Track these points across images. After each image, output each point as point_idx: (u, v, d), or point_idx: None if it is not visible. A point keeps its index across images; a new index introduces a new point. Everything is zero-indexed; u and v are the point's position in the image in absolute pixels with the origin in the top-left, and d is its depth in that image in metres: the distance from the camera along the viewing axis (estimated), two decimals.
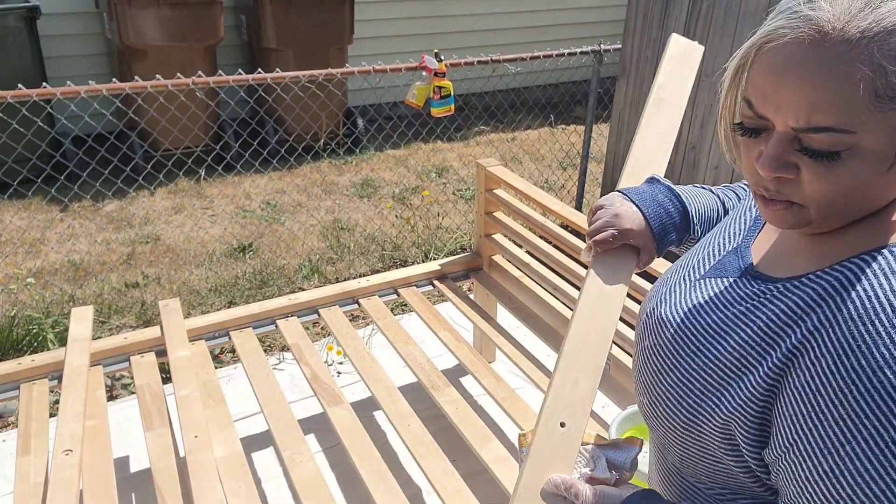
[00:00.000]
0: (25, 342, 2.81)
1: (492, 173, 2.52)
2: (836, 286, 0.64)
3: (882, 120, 0.60)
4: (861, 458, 0.58)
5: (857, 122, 0.60)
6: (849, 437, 0.59)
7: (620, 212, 0.96)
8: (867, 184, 0.63)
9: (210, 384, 2.09)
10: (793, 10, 0.62)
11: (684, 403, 0.75)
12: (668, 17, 3.28)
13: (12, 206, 4.04)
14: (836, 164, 0.62)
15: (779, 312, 0.68)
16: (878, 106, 0.59)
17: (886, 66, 0.58)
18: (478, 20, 5.95)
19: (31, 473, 1.74)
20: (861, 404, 0.59)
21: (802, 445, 0.63)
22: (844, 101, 0.59)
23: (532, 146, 5.34)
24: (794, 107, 0.62)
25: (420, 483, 2.25)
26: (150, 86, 2.71)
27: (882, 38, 0.58)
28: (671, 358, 0.78)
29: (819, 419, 0.62)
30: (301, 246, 3.77)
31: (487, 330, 2.42)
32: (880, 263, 0.63)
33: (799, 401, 0.64)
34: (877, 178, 0.63)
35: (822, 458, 0.61)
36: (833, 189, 0.64)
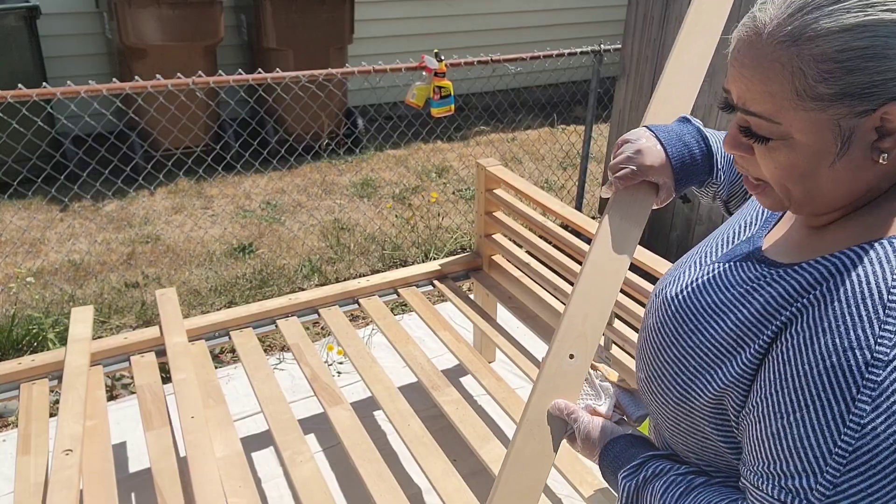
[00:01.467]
0: (25, 342, 2.81)
1: (492, 173, 2.52)
2: (832, 270, 0.67)
3: (807, 117, 0.65)
4: (808, 425, 0.63)
5: (781, 114, 0.67)
6: (803, 404, 0.64)
7: (643, 148, 1.00)
8: (814, 174, 0.69)
9: (210, 384, 2.09)
10: (752, 9, 0.70)
11: (679, 378, 0.78)
12: (668, 18, 3.28)
13: (12, 205, 4.04)
14: (773, 149, 0.69)
15: (776, 295, 0.71)
16: (800, 104, 0.65)
17: (805, 70, 0.64)
18: (478, 20, 5.95)
19: (32, 473, 1.74)
20: (823, 378, 0.62)
21: (763, 406, 0.68)
22: (769, 93, 0.67)
23: (532, 146, 5.34)
24: (736, 89, 0.71)
25: (420, 483, 2.25)
26: (151, 86, 2.71)
27: (803, 44, 0.63)
28: (670, 335, 0.81)
29: (782, 385, 0.66)
30: (301, 246, 3.77)
31: (487, 330, 2.43)
32: (877, 252, 0.65)
33: (772, 367, 0.68)
34: (823, 171, 0.68)
35: (773, 420, 0.66)
36: (778, 172, 0.71)
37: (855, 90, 0.62)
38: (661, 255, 2.03)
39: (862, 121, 0.64)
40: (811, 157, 0.67)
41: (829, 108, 0.64)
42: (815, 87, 0.63)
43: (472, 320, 2.49)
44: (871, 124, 0.64)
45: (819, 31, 0.62)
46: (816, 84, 0.63)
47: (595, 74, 3.69)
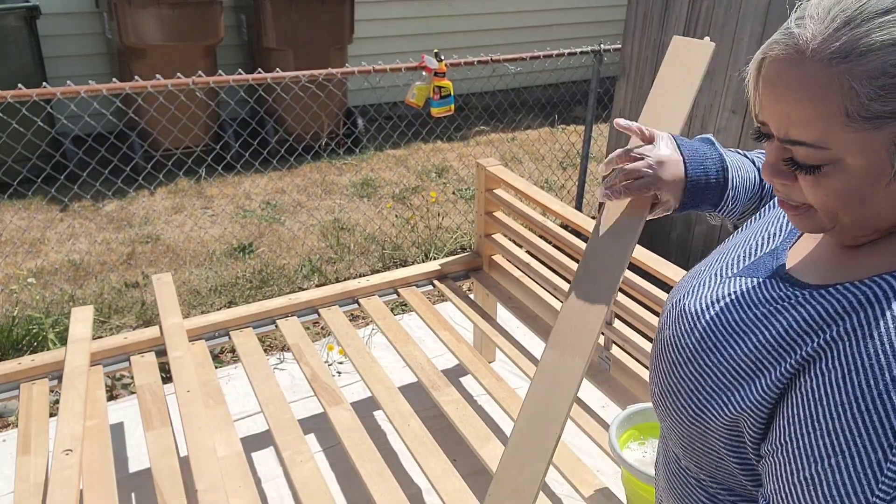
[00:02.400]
0: (25, 342, 2.81)
1: (492, 173, 2.52)
2: (863, 301, 0.64)
3: (859, 139, 0.61)
4: (843, 473, 0.59)
5: (831, 140, 0.62)
6: (837, 449, 0.60)
7: (666, 160, 0.95)
8: (868, 197, 0.64)
9: (210, 384, 2.09)
10: (787, 25, 0.64)
11: (695, 397, 0.75)
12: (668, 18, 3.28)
13: (12, 205, 4.04)
14: (822, 176, 0.64)
15: (800, 319, 0.68)
16: (851, 126, 0.60)
17: (857, 88, 0.59)
18: (478, 20, 5.95)
19: (32, 473, 1.74)
20: (858, 422, 0.59)
21: (793, 447, 0.64)
22: (817, 118, 0.61)
23: (532, 146, 5.34)
24: (776, 119, 0.65)
25: (420, 483, 2.25)
26: (151, 86, 2.71)
27: (854, 60, 0.59)
28: (688, 351, 0.77)
29: (815, 426, 0.62)
30: (301, 246, 3.77)
31: (487, 330, 2.43)
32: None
33: (802, 404, 0.64)
34: (879, 192, 0.63)
35: (806, 464, 0.62)
36: (828, 199, 0.65)
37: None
38: (662, 255, 2.03)
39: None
40: (864, 179, 0.63)
41: (883, 128, 0.60)
42: (868, 105, 0.59)
43: (472, 320, 2.49)
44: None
45: (872, 46, 0.58)
46: (870, 102, 0.59)
47: (595, 74, 3.69)
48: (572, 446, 2.29)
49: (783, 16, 2.84)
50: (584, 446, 2.31)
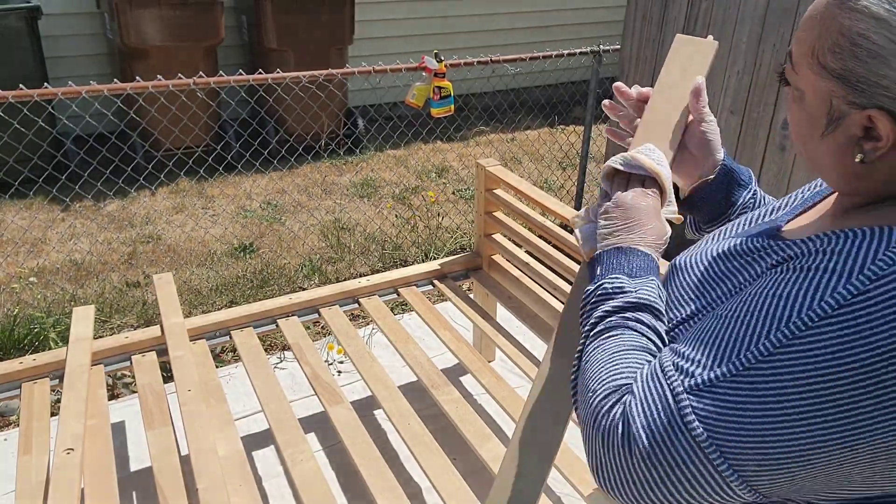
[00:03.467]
0: (27, 341, 2.82)
1: (492, 173, 2.52)
2: (826, 243, 0.67)
3: (814, 79, 0.67)
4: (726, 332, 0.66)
5: (800, 68, 0.69)
6: (734, 317, 0.66)
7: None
8: (811, 140, 0.71)
9: (211, 383, 2.10)
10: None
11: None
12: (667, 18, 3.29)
13: (14, 205, 4.05)
14: (792, 99, 0.72)
15: (765, 263, 0.72)
16: (813, 67, 0.67)
17: (827, 35, 0.65)
18: (478, 20, 5.95)
19: (33, 472, 1.74)
20: (765, 304, 0.64)
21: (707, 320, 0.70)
22: (801, 42, 0.69)
23: (532, 146, 5.34)
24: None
25: (420, 482, 2.26)
26: (152, 86, 2.71)
27: (842, 11, 0.64)
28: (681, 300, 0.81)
29: (730, 305, 0.69)
30: (301, 246, 3.78)
31: (487, 329, 2.43)
32: (874, 234, 0.64)
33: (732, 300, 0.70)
34: (815, 140, 0.70)
35: (708, 321, 0.69)
36: (792, 123, 0.74)
37: (851, 77, 0.64)
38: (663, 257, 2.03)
39: (852, 112, 0.65)
40: (808, 121, 0.70)
41: (826, 79, 0.66)
42: (825, 54, 0.65)
43: (472, 320, 2.49)
44: (859, 120, 0.65)
45: (858, 7, 0.63)
46: (826, 52, 0.65)
47: (594, 75, 3.69)
48: (572, 446, 2.30)
49: (782, 16, 2.84)
50: None
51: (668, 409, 0.64)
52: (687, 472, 0.63)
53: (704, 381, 0.64)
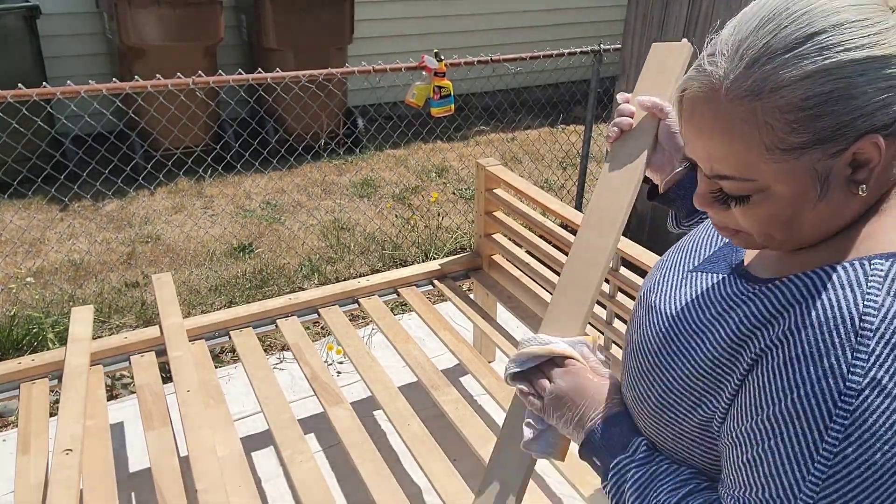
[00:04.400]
0: (25, 342, 2.81)
1: (492, 173, 2.52)
2: (804, 292, 0.67)
3: (781, 169, 0.64)
4: (783, 453, 0.63)
5: (755, 172, 0.65)
6: (777, 433, 0.64)
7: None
8: (797, 218, 0.67)
9: (210, 384, 2.09)
10: (699, 62, 0.66)
11: (666, 402, 0.77)
12: (667, 18, 3.28)
13: (12, 205, 4.04)
14: (751, 205, 0.67)
15: (749, 315, 0.71)
16: (772, 157, 0.63)
17: (772, 123, 0.62)
18: (478, 20, 5.95)
19: (32, 473, 1.74)
20: (797, 406, 0.62)
21: (739, 431, 0.68)
22: (737, 153, 0.64)
23: (532, 146, 5.34)
24: (701, 155, 0.68)
25: (420, 482, 2.25)
26: (151, 85, 2.71)
27: (766, 97, 0.61)
28: (653, 357, 0.80)
29: (758, 411, 0.66)
30: (301, 246, 3.77)
31: (487, 330, 2.43)
32: (849, 274, 0.65)
33: (749, 393, 0.68)
34: (807, 212, 0.66)
35: (750, 446, 0.66)
36: (762, 223, 0.69)
37: (826, 134, 0.61)
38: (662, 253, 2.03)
39: (837, 160, 0.63)
40: (792, 204, 0.66)
41: (802, 157, 0.63)
42: (785, 139, 0.62)
43: (472, 320, 2.49)
44: (845, 161, 0.63)
45: (781, 82, 0.60)
46: (786, 136, 0.62)
47: (595, 74, 3.69)
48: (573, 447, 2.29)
49: None
50: None
51: None
52: None
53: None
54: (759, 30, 0.62)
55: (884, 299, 0.62)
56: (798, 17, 0.61)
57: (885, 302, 0.61)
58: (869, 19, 0.61)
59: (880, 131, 0.62)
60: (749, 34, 0.63)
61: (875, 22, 0.61)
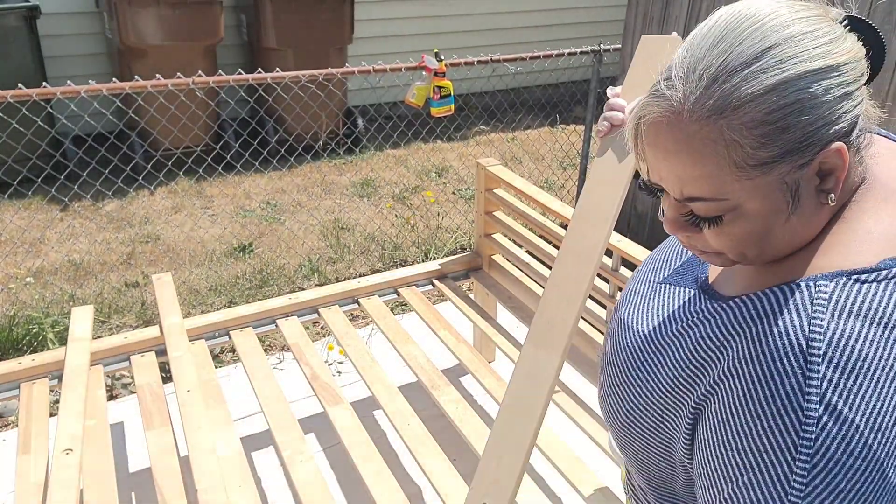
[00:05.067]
0: (25, 342, 2.81)
1: (492, 173, 2.52)
2: (756, 313, 0.67)
3: (752, 185, 0.63)
4: (756, 489, 0.63)
5: (726, 191, 0.64)
6: (748, 468, 0.64)
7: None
8: (770, 234, 0.67)
9: (210, 384, 2.09)
10: (656, 87, 0.65)
11: (633, 417, 0.78)
12: (667, 18, 3.28)
13: (12, 205, 4.04)
14: (724, 224, 0.67)
15: (707, 333, 0.71)
16: (742, 174, 0.63)
17: (739, 140, 0.61)
18: (478, 20, 5.95)
19: (32, 473, 1.74)
20: (763, 439, 0.63)
21: (710, 470, 0.68)
22: (707, 174, 0.63)
23: (532, 146, 5.34)
24: (669, 180, 0.67)
25: (420, 482, 2.25)
26: (151, 85, 2.71)
27: (730, 114, 0.61)
28: (622, 371, 0.81)
29: (726, 448, 0.66)
30: (301, 245, 3.77)
31: (487, 330, 2.43)
32: (795, 298, 0.65)
33: (712, 428, 0.68)
34: (779, 228, 0.66)
35: (724, 485, 0.66)
36: (734, 243, 0.68)
37: (793, 146, 0.61)
38: None
39: (805, 171, 0.63)
40: (765, 220, 0.66)
41: (772, 171, 0.62)
42: (753, 154, 0.61)
43: (472, 320, 2.49)
44: (812, 171, 0.64)
45: (743, 98, 0.60)
46: (755, 151, 0.61)
47: (595, 74, 3.69)
48: (572, 446, 2.29)
49: None
50: (584, 446, 2.32)
51: None
52: None
53: None
54: (713, 49, 0.62)
55: (828, 322, 0.62)
56: (751, 34, 0.61)
57: (829, 325, 0.62)
58: (819, 30, 0.62)
59: (842, 139, 0.63)
60: (704, 55, 0.62)
61: (825, 33, 0.62)
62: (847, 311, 0.62)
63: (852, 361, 0.61)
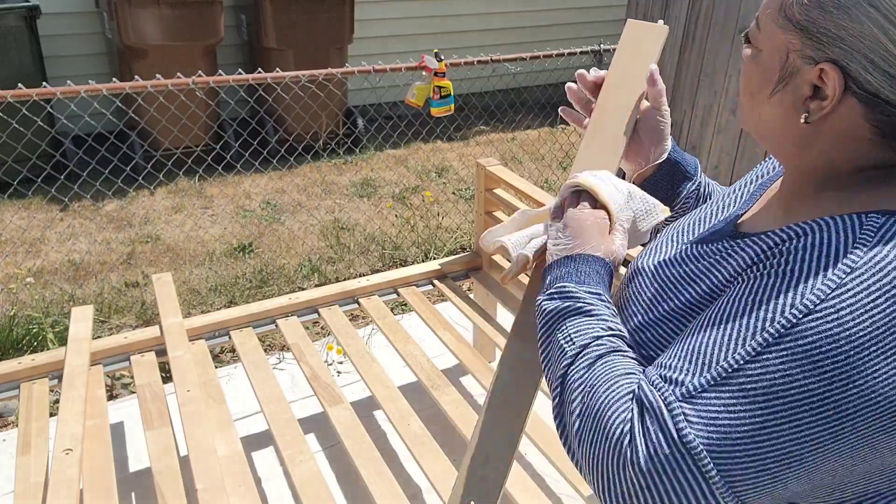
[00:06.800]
0: (25, 342, 2.81)
1: (492, 173, 2.52)
2: (795, 234, 0.68)
3: (774, 33, 0.69)
4: (711, 339, 0.65)
5: (765, 23, 0.70)
6: (719, 323, 0.66)
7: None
8: (758, 97, 0.72)
9: (210, 383, 2.09)
10: None
11: (645, 348, 0.78)
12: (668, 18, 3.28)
13: (12, 205, 4.04)
14: (748, 56, 0.73)
15: (732, 266, 0.72)
16: (778, 21, 0.68)
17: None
18: (478, 20, 5.95)
19: (32, 473, 1.74)
20: (748, 309, 0.64)
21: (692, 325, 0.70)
22: (771, 2, 0.70)
23: (532, 146, 5.34)
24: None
25: (420, 482, 2.25)
26: (151, 85, 2.71)
27: None
28: (640, 304, 0.81)
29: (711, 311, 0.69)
30: (301, 245, 3.77)
31: (487, 330, 2.43)
32: (844, 223, 0.65)
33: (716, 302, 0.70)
34: (764, 99, 0.72)
35: (689, 333, 0.69)
36: (742, 81, 0.75)
37: (813, 28, 0.65)
38: None
39: (805, 68, 0.67)
40: (760, 76, 0.71)
41: (789, 33, 0.67)
42: (792, 6, 0.66)
43: (472, 320, 2.49)
44: (810, 76, 0.67)
45: None
46: (794, 4, 0.66)
47: None
48: None
49: None
50: None
51: (662, 420, 0.64)
52: (676, 483, 0.62)
53: (694, 387, 0.64)
54: None
55: (874, 245, 0.62)
56: None
57: (875, 248, 0.62)
58: None
59: (850, 84, 0.64)
60: None
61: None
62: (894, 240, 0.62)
63: (876, 279, 0.60)
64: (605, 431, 0.67)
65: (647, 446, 0.63)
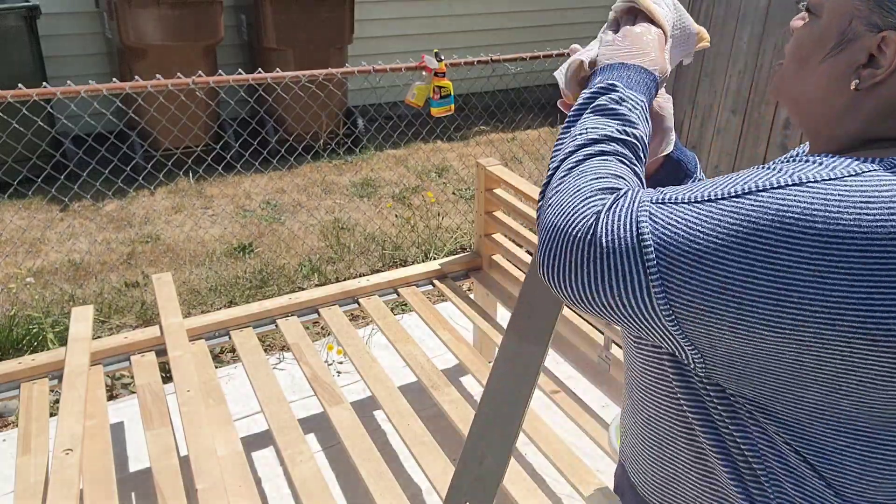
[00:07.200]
0: (25, 342, 2.81)
1: (492, 173, 2.52)
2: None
3: (846, 1, 0.67)
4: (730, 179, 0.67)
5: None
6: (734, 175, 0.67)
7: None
8: (806, 63, 0.72)
9: (210, 383, 2.09)
10: None
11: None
12: None
13: (12, 205, 4.04)
14: (807, 22, 0.72)
15: None
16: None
17: None
18: (478, 20, 5.95)
19: (32, 473, 1.74)
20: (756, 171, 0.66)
21: None
22: None
23: (532, 146, 5.34)
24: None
25: (420, 482, 2.25)
26: (151, 85, 2.71)
27: None
28: None
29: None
30: (301, 245, 3.77)
31: (487, 330, 2.43)
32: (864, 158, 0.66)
33: None
34: (813, 64, 0.71)
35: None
36: (791, 45, 0.74)
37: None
38: None
39: (867, 35, 0.66)
40: (815, 42, 0.70)
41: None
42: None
43: (472, 320, 2.49)
44: (868, 45, 0.66)
45: None
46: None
47: None
48: (572, 446, 2.29)
49: (783, 16, 2.84)
50: (584, 446, 2.31)
51: (630, 208, 0.66)
52: (619, 264, 0.65)
53: (670, 198, 0.66)
54: None
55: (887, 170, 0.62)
56: None
57: (888, 171, 0.62)
58: None
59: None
60: None
61: None
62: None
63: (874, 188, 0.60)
64: (578, 206, 0.69)
65: (609, 223, 0.66)
